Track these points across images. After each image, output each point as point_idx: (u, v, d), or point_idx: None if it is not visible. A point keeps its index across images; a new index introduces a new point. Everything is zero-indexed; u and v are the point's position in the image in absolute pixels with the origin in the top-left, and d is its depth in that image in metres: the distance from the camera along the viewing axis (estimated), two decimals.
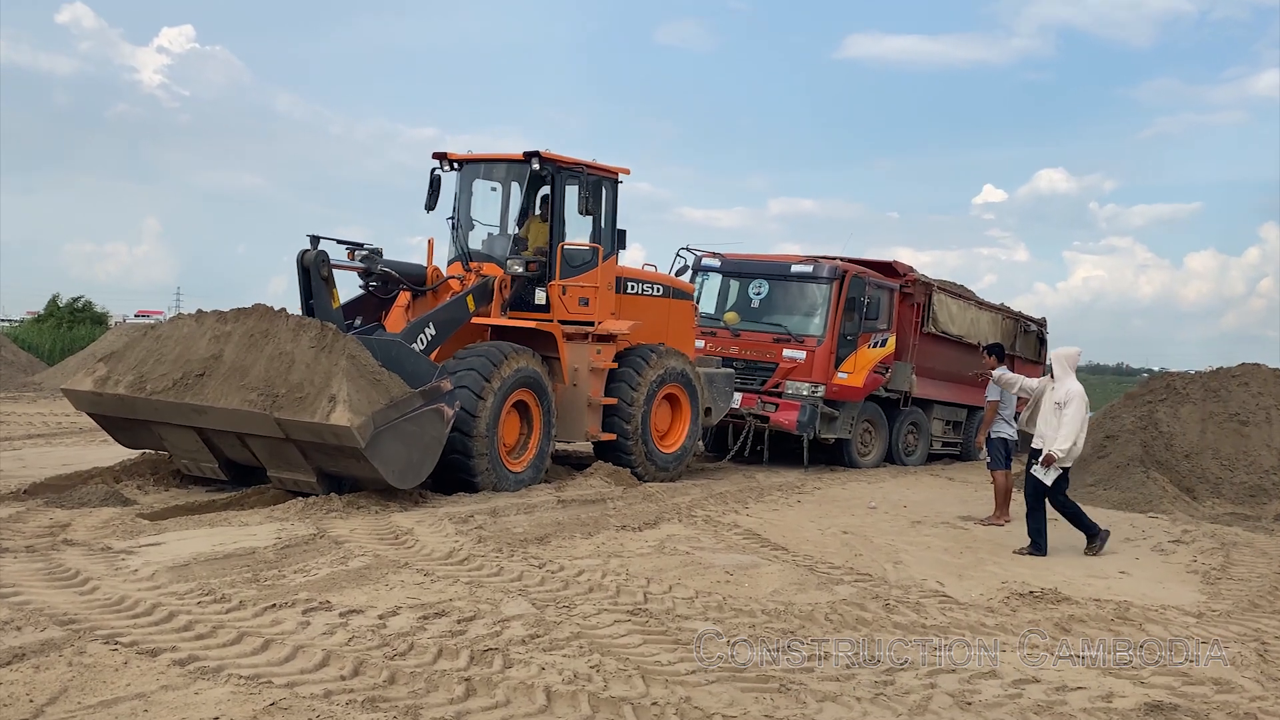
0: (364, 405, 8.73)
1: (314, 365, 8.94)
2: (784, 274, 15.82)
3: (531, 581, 7.13)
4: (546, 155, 12.02)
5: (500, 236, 12.75)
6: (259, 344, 9.26)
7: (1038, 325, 21.73)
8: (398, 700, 4.69)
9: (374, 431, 8.77)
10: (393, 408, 9.06)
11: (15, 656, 4.90)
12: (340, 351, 9.02)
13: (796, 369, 15.09)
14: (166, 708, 4.42)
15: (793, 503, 12.08)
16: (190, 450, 9.88)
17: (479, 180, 12.89)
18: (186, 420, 9.38)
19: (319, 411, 8.64)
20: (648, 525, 9.61)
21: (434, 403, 9.58)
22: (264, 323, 9.42)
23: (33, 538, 7.57)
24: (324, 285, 10.45)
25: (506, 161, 12.62)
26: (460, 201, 12.76)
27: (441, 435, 9.68)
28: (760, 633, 6.16)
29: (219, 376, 9.18)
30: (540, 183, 12.52)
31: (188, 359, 9.42)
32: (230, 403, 8.97)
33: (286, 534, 8.09)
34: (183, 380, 9.27)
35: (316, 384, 8.81)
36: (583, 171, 12.18)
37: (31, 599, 5.92)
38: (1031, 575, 8.49)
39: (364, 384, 8.93)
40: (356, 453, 8.79)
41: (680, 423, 13.69)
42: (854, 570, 8.27)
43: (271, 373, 9.00)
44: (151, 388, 9.36)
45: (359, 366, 9.05)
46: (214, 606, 6.01)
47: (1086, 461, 14.49)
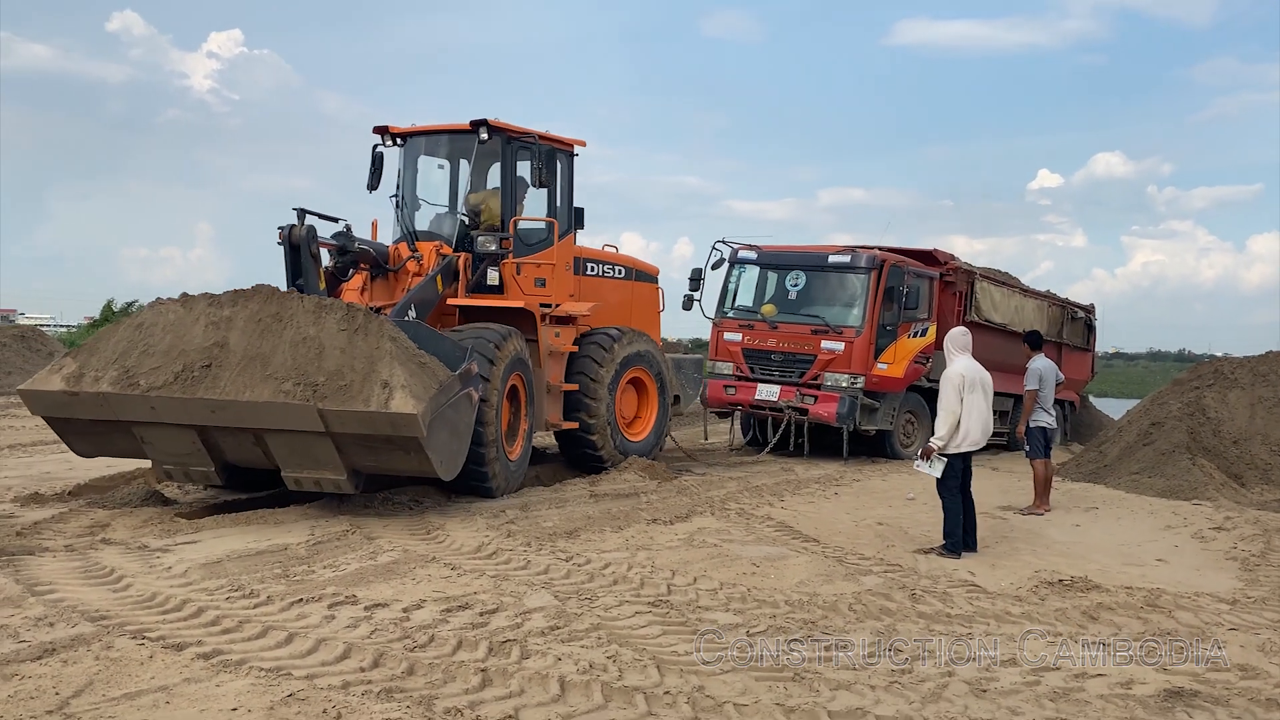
0: (421, 390, 8.05)
1: (350, 350, 8.16)
2: (821, 265, 15.73)
3: (557, 574, 7.18)
4: (495, 124, 11.43)
5: (449, 214, 12.05)
6: (272, 329, 8.34)
7: (1085, 311, 21.43)
8: (414, 691, 4.76)
9: (431, 419, 8.11)
10: (441, 393, 8.39)
11: (46, 651, 5.05)
12: (378, 334, 8.27)
13: (835, 360, 15.00)
14: (187, 699, 4.53)
15: (829, 495, 12.03)
16: (181, 454, 8.72)
17: (425, 155, 12.30)
18: (195, 419, 8.28)
19: (374, 399, 7.88)
20: (679, 519, 9.62)
21: (467, 387, 9.02)
22: (273, 305, 8.50)
23: (73, 537, 7.77)
24: (312, 263, 9.72)
25: (452, 133, 12.00)
26: (404, 178, 12.12)
27: (472, 421, 9.12)
28: (781, 623, 6.16)
29: (232, 367, 8.19)
30: (491, 155, 11.87)
31: (183, 349, 8.34)
32: (259, 395, 8.02)
33: (320, 531, 8.24)
34: (184, 374, 8.20)
35: (359, 370, 8.04)
36: (535, 141, 11.63)
37: (66, 596, 6.09)
38: (1066, 564, 8.40)
39: (414, 368, 8.26)
40: (411, 444, 8.10)
41: (648, 410, 13.26)
42: (884, 561, 8.23)
43: (301, 360, 8.12)
44: (147, 383, 8.22)
45: (403, 349, 8.33)
46: (242, 602, 6.14)
47: (1131, 449, 14.32)
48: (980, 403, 8.73)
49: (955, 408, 8.64)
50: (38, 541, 7.55)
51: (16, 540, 7.54)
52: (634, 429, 13.04)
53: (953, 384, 8.73)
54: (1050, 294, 20.30)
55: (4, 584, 6.27)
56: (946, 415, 8.70)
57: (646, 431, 13.17)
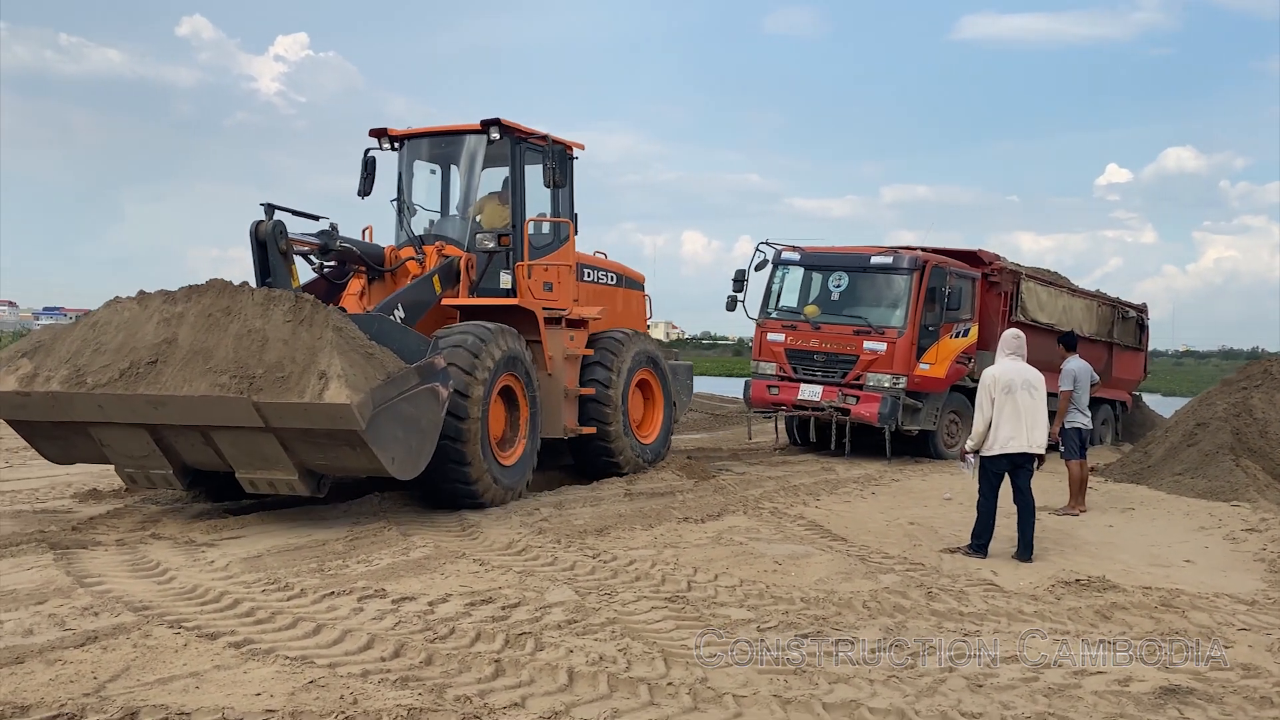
0: (361, 381, 7.64)
1: (293, 341, 7.78)
2: (864, 266, 15.80)
3: (582, 571, 7.41)
4: (507, 124, 11.11)
5: (455, 217, 11.73)
6: (220, 323, 8.02)
7: (1137, 311, 21.22)
8: (429, 680, 5.01)
9: (373, 412, 7.70)
10: (390, 384, 7.97)
11: (88, 639, 5.38)
12: (323, 324, 7.87)
13: (877, 361, 15.07)
14: (216, 685, 4.82)
15: (866, 495, 12.12)
16: (138, 455, 8.43)
17: (426, 156, 11.95)
18: (138, 417, 8.00)
19: (308, 390, 7.49)
20: (710, 517, 9.80)
21: (429, 381, 8.54)
22: (224, 299, 8.18)
23: (125, 532, 8.15)
24: (281, 260, 9.23)
25: (459, 134, 11.63)
26: (405, 182, 11.81)
27: (438, 419, 8.65)
28: (793, 619, 6.33)
29: (176, 362, 7.88)
30: (498, 156, 11.50)
31: (133, 346, 8.07)
32: (195, 390, 7.69)
33: (359, 528, 8.56)
34: (130, 370, 7.92)
35: (300, 361, 7.65)
36: (547, 141, 11.32)
37: (113, 588, 6.44)
38: (1091, 565, 8.45)
39: (356, 358, 7.82)
40: (353, 438, 7.71)
41: (654, 411, 13.21)
42: (907, 560, 8.34)
43: (242, 353, 7.79)
44: (93, 381, 7.96)
45: (347, 339, 7.92)
46: (277, 594, 6.46)
47: (1176, 450, 14.22)
48: (1022, 404, 8.63)
49: (985, 410, 8.72)
50: (91, 536, 7.94)
51: (72, 535, 7.95)
52: (643, 431, 12.98)
53: (984, 386, 8.81)
54: (1100, 293, 20.14)
55: (56, 576, 6.64)
56: (977, 417, 8.81)
57: (655, 434, 13.13)
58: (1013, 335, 9.16)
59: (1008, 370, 8.77)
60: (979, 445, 8.78)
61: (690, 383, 14.78)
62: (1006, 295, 16.67)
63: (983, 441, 8.75)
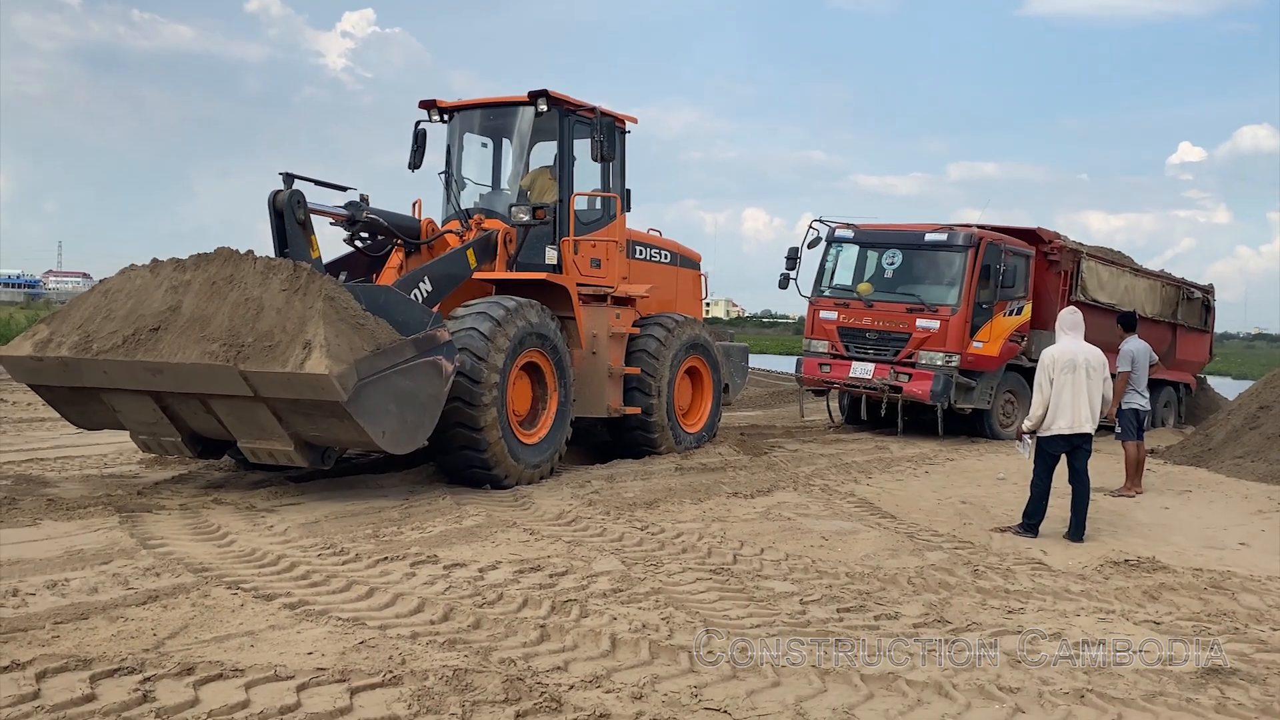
0: (345, 352, 7.57)
1: (285, 310, 7.76)
2: (918, 243, 15.70)
3: (630, 542, 7.52)
4: (555, 96, 10.97)
5: (502, 191, 11.61)
6: (222, 291, 8.05)
7: (1203, 292, 20.87)
8: (475, 643, 5.14)
9: (358, 383, 7.62)
10: (380, 356, 7.91)
11: (150, 598, 5.58)
12: (316, 293, 7.82)
13: (930, 338, 15.00)
14: (269, 644, 4.99)
15: (920, 473, 12.11)
16: (148, 422, 8.54)
17: (476, 129, 11.83)
18: (141, 384, 8.09)
19: (291, 360, 7.46)
20: (760, 492, 9.87)
21: (430, 354, 8.43)
22: (228, 268, 8.20)
23: (188, 497, 8.39)
24: (300, 230, 9.08)
25: (508, 105, 11.46)
26: (454, 154, 11.69)
27: (440, 393, 8.55)
28: (836, 593, 6.38)
29: (176, 330, 7.94)
30: (548, 129, 11.34)
31: (140, 314, 8.16)
32: (188, 357, 7.73)
33: (415, 496, 8.74)
34: (134, 337, 8.01)
35: (289, 330, 7.63)
36: (596, 114, 11.16)
37: (175, 550, 6.66)
38: (1143, 545, 8.40)
39: (344, 328, 7.75)
40: (338, 409, 7.65)
41: (702, 400, 13.01)
42: (956, 538, 8.35)
43: (237, 321, 7.79)
44: (99, 347, 8.08)
45: (338, 309, 7.84)
46: (332, 559, 6.64)
47: (1238, 433, 14.02)
48: (1080, 384, 8.55)
49: (1044, 390, 8.66)
50: (156, 501, 8.19)
51: (137, 499, 8.20)
52: (689, 419, 12.79)
53: (1042, 365, 8.74)
54: (1165, 274, 19.84)
55: (121, 538, 6.88)
56: (1036, 398, 8.75)
57: (701, 423, 12.91)
58: (1070, 313, 9.07)
59: (1068, 349, 8.68)
60: (1036, 426, 8.73)
61: (745, 364, 14.64)
62: (1066, 274, 16.47)
63: (1040, 422, 8.69)
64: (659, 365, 11.83)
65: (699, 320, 13.23)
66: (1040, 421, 8.67)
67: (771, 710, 4.47)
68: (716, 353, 13.09)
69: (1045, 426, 8.67)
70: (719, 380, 13.14)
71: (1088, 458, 8.75)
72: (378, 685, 4.47)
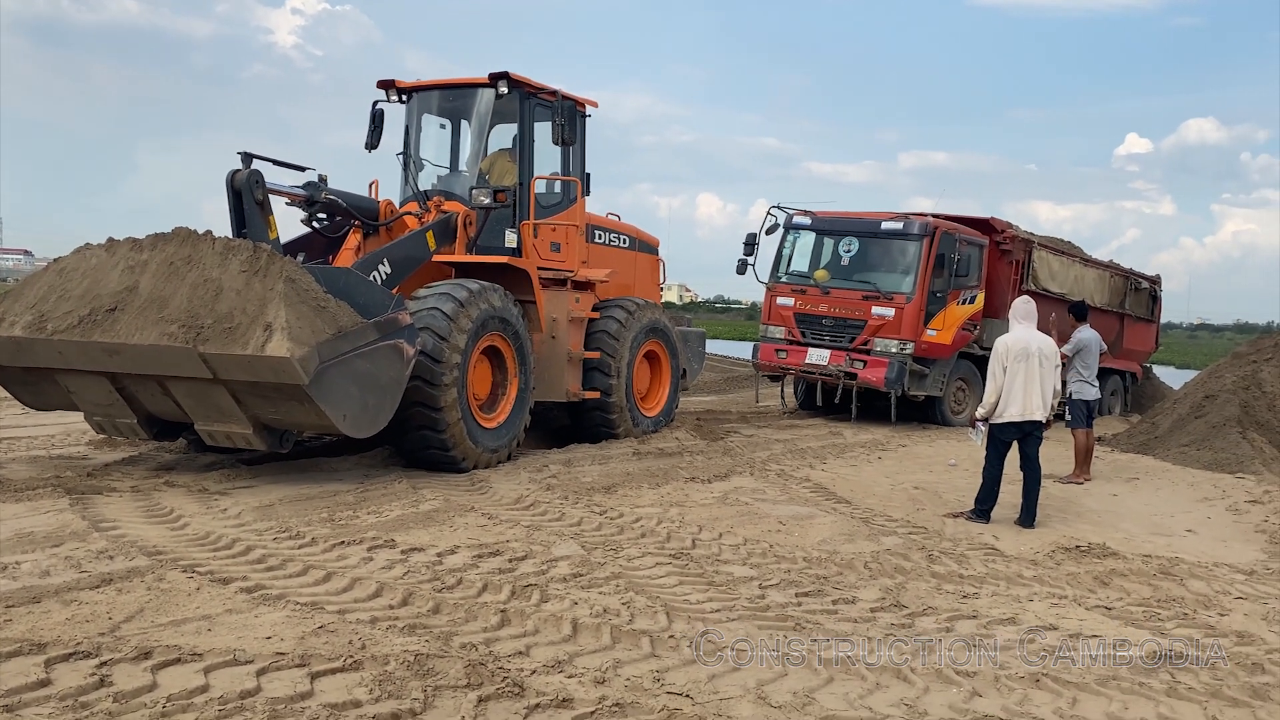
0: (306, 335, 7.49)
1: (245, 292, 7.66)
2: (874, 231, 15.81)
3: (589, 527, 7.52)
4: (516, 78, 10.86)
5: (461, 173, 11.52)
6: (180, 272, 7.92)
7: (1150, 283, 21.18)
8: (436, 627, 5.12)
9: (319, 366, 7.55)
10: (342, 339, 7.84)
11: (103, 581, 5.50)
12: (276, 275, 7.70)
13: (885, 326, 15.12)
14: (227, 628, 4.94)
15: (873, 459, 12.21)
16: (103, 404, 8.47)
17: (434, 110, 11.69)
18: (95, 364, 8.00)
19: (252, 342, 7.37)
20: (717, 478, 9.90)
21: (391, 338, 8.38)
22: (186, 248, 8.07)
23: (140, 479, 8.26)
24: (258, 211, 8.99)
25: (468, 86, 11.33)
26: (412, 135, 11.60)
27: (401, 377, 8.49)
28: (795, 578, 6.43)
29: (133, 310, 7.83)
30: (507, 112, 11.24)
31: (97, 293, 8.03)
32: (146, 338, 7.64)
33: (370, 480, 8.68)
34: (90, 317, 7.89)
35: (249, 312, 7.54)
36: (558, 97, 11.04)
37: (128, 533, 6.57)
38: (1093, 532, 8.54)
39: (305, 311, 7.66)
40: (299, 392, 7.59)
41: (660, 384, 13.01)
42: (910, 524, 8.44)
43: (195, 302, 7.70)
44: (53, 327, 7.97)
45: (299, 291, 7.73)
46: (288, 543, 6.58)
47: (1183, 421, 14.27)
48: (1033, 373, 8.65)
49: (997, 378, 8.76)
50: (107, 483, 8.05)
51: (87, 481, 8.06)
52: (647, 403, 12.76)
53: (996, 354, 8.84)
54: (1113, 264, 20.12)
55: (72, 520, 6.77)
56: (989, 386, 8.85)
57: (659, 408, 12.90)
58: (1023, 302, 9.18)
59: (1021, 338, 8.79)
60: (989, 414, 8.84)
61: (702, 349, 14.69)
62: (1018, 264, 16.67)
63: (993, 410, 8.80)
64: (619, 346, 11.82)
65: (658, 305, 13.25)
66: (993, 409, 8.78)
67: (733, 694, 4.50)
68: (675, 337, 13.09)
69: (998, 414, 8.78)
70: (677, 365, 13.13)
71: (1039, 445, 8.88)
72: (338, 670, 4.45)
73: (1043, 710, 4.53)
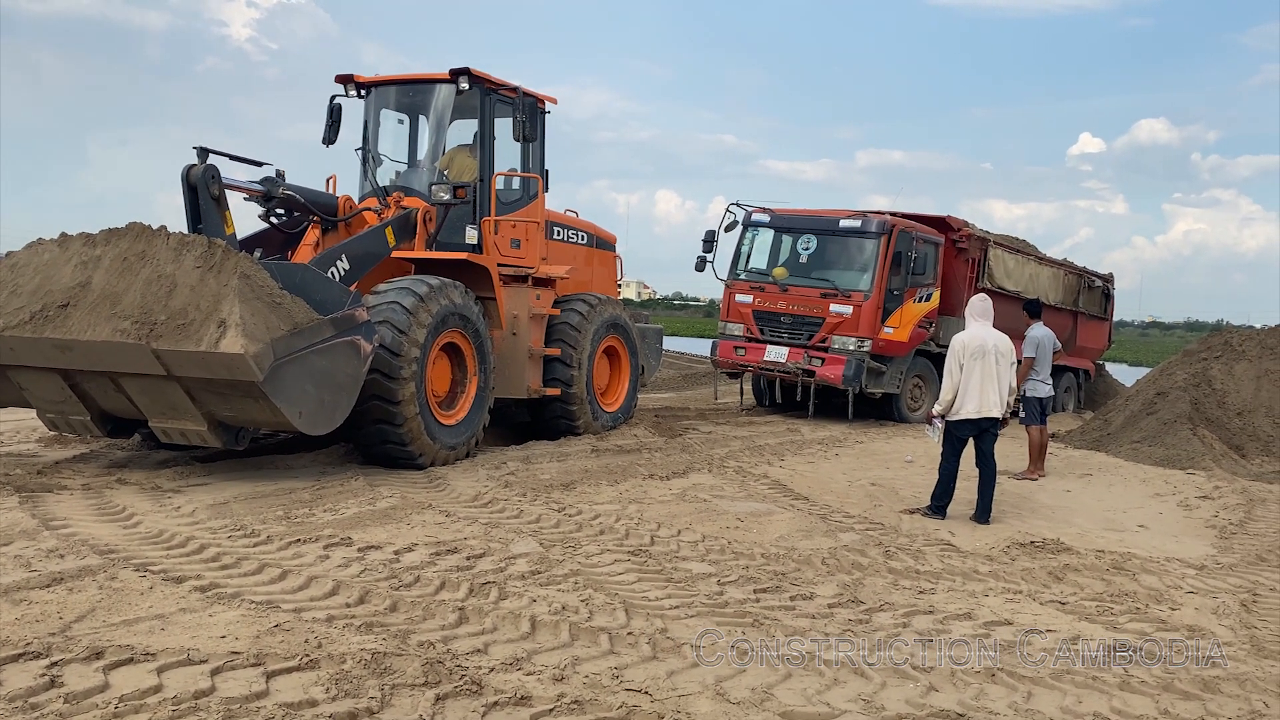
0: (261, 331, 7.42)
1: (200, 288, 7.56)
2: (832, 229, 15.91)
3: (547, 524, 7.50)
4: (476, 74, 10.84)
5: (420, 168, 11.49)
6: (134, 268, 7.83)
7: (1103, 281, 21.48)
8: (393, 625, 5.09)
9: (274, 363, 7.49)
10: (297, 335, 7.77)
11: (54, 580, 5.41)
12: (231, 270, 7.59)
13: (843, 324, 15.21)
14: (181, 627, 4.87)
15: (831, 456, 12.28)
16: (55, 401, 8.39)
17: (393, 105, 11.67)
18: (47, 361, 7.95)
19: (205, 339, 7.30)
20: (676, 474, 9.92)
21: (348, 334, 8.31)
22: (140, 243, 7.96)
23: (91, 477, 8.14)
24: (214, 206, 8.89)
25: (428, 82, 11.33)
26: (370, 130, 11.55)
27: (358, 374, 8.42)
28: (753, 574, 6.45)
29: (86, 306, 7.76)
30: (467, 108, 11.25)
31: (49, 289, 7.96)
32: (99, 334, 7.57)
33: (326, 478, 8.61)
34: (42, 313, 7.84)
35: (203, 308, 7.45)
36: (518, 94, 11.00)
37: (79, 531, 6.46)
38: (1047, 528, 8.64)
39: (260, 307, 7.57)
40: (253, 389, 7.51)
41: (620, 380, 13.03)
42: (867, 520, 8.50)
43: (149, 298, 7.61)
44: (4, 323, 7.89)
45: (254, 287, 7.62)
46: (243, 540, 6.50)
47: (1135, 418, 14.48)
48: (989, 370, 8.74)
49: (954, 375, 8.83)
50: (57, 480, 7.93)
51: (37, 478, 7.93)
52: (607, 399, 12.78)
53: (953, 351, 8.91)
54: (1067, 262, 20.36)
55: (22, 519, 6.65)
56: (946, 382, 8.92)
57: (619, 403, 12.92)
58: (980, 300, 9.26)
59: (978, 335, 8.87)
60: (946, 410, 8.91)
61: (660, 346, 14.70)
62: (974, 262, 16.82)
63: (949, 407, 8.88)
64: (581, 338, 11.81)
65: (618, 300, 13.27)
66: (950, 406, 8.86)
67: (692, 690, 4.51)
68: (634, 333, 13.11)
69: (954, 411, 8.86)
70: (636, 361, 13.16)
71: (994, 441, 8.97)
72: (294, 669, 4.40)
73: (998, 705, 4.58)
